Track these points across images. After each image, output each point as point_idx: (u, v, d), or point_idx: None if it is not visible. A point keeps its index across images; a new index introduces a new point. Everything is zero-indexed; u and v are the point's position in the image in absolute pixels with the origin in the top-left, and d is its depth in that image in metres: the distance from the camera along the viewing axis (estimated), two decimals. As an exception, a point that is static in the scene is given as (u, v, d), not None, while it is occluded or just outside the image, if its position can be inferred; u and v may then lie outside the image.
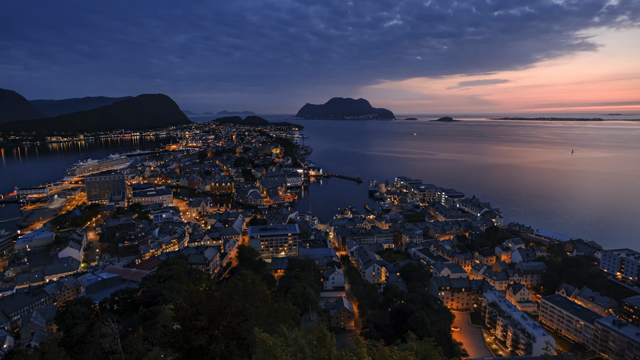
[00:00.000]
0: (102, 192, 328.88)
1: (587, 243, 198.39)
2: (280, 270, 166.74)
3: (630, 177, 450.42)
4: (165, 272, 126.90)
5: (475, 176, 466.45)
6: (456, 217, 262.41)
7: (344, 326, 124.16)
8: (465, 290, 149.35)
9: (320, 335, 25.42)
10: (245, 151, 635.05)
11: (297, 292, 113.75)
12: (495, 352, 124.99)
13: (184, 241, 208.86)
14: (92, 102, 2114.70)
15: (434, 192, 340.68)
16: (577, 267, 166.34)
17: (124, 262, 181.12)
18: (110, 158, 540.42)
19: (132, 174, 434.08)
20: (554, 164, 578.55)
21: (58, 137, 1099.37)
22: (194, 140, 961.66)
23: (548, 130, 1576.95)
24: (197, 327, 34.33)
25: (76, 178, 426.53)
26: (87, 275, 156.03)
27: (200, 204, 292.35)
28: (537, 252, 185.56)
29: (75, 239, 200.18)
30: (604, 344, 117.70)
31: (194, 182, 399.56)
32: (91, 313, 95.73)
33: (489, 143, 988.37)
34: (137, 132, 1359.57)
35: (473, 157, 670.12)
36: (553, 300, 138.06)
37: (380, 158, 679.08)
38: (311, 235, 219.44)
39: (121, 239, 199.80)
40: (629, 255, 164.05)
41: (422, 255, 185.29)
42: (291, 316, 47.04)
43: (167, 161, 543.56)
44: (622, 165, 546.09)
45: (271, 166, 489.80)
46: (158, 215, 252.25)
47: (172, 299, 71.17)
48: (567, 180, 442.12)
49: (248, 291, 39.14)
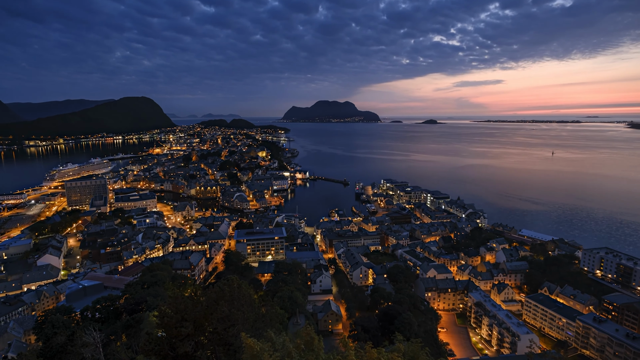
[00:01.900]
0: (83, 198, 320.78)
1: (568, 242, 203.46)
2: (267, 274, 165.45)
3: (608, 178, 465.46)
4: (149, 278, 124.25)
5: (458, 177, 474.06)
6: (441, 218, 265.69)
7: (332, 329, 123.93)
8: (451, 291, 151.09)
9: (308, 339, 25.26)
10: (231, 154, 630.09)
11: (285, 295, 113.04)
12: (481, 352, 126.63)
13: (168, 246, 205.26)
14: (72, 105, 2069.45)
15: (419, 193, 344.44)
16: (559, 266, 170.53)
17: (106, 269, 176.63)
18: (92, 162, 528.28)
19: (114, 179, 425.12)
20: (536, 164, 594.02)
21: (36, 141, 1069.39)
22: (179, 143, 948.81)
23: (527, 131, 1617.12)
24: (182, 333, 33.64)
25: (56, 183, 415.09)
26: (68, 283, 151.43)
27: (185, 208, 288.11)
28: (521, 251, 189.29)
29: (55, 246, 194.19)
30: (585, 341, 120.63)
31: (178, 186, 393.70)
32: (72, 322, 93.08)
33: (468, 144, 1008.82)
34: (120, 136, 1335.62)
35: (453, 159, 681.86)
36: (536, 299, 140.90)
37: (366, 160, 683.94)
38: (298, 239, 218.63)
39: (103, 245, 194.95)
40: (608, 254, 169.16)
41: (408, 257, 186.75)
42: (278, 320, 46.75)
43: (150, 165, 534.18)
44: (597, 165, 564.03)
45: (257, 169, 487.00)
46: (141, 220, 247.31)
47: (157, 306, 69.72)
48: (547, 180, 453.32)
49: (234, 296, 38.64)
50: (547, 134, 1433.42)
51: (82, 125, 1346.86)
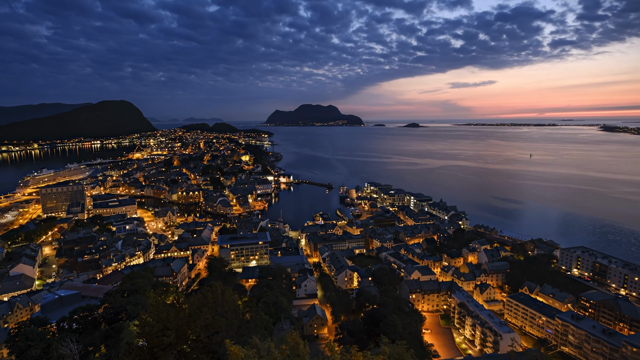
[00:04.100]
0: (59, 204, 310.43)
1: (546, 242, 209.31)
2: (251, 280, 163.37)
3: (585, 178, 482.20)
4: (129, 286, 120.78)
5: (438, 178, 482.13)
6: (425, 220, 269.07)
7: (318, 333, 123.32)
8: (435, 292, 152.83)
9: (293, 344, 24.97)
10: (214, 159, 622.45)
11: (269, 301, 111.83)
12: (465, 352, 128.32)
13: (149, 253, 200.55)
14: (47, 109, 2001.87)
15: (403, 196, 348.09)
16: (538, 265, 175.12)
17: (83, 278, 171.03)
18: (68, 168, 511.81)
19: (92, 184, 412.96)
20: (515, 165, 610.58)
21: (9, 146, 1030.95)
22: (160, 148, 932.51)
23: (502, 134, 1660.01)
24: (164, 343, 32.74)
25: (30, 189, 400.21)
26: (43, 293, 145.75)
27: (167, 213, 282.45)
28: (502, 252, 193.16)
29: (29, 255, 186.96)
30: (564, 338, 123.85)
31: (159, 192, 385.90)
32: (47, 333, 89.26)
33: (446, 145, 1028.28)
34: (98, 140, 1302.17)
35: (432, 160, 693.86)
36: (517, 298, 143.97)
37: (349, 162, 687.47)
38: (282, 243, 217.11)
39: (80, 253, 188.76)
40: (584, 252, 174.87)
41: (393, 259, 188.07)
42: (263, 326, 46.17)
43: (130, 170, 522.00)
44: (570, 166, 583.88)
45: (241, 174, 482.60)
46: (121, 227, 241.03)
47: (137, 315, 67.86)
48: (527, 181, 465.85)
49: (218, 303, 37.96)
50: (521, 137, 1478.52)
51: (58, 130, 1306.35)
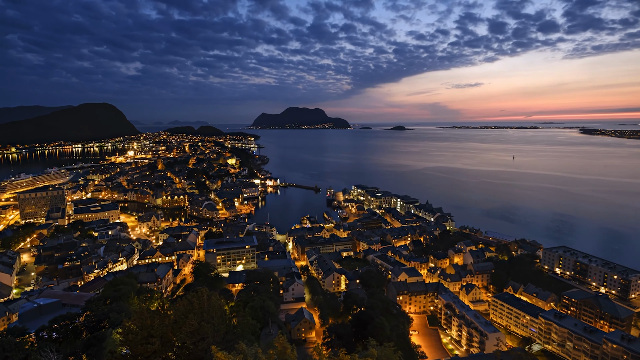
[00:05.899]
0: (38, 210, 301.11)
1: (529, 242, 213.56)
2: (238, 284, 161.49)
3: (566, 179, 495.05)
4: (112, 293, 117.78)
5: (422, 180, 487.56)
6: (411, 222, 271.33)
7: (305, 337, 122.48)
8: (422, 294, 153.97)
9: (280, 349, 24.62)
10: (199, 162, 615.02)
11: (256, 305, 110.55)
12: (452, 352, 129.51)
13: (132, 259, 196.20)
14: (26, 112, 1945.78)
15: (389, 198, 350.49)
16: (522, 265, 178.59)
17: (64, 285, 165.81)
18: (48, 172, 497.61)
19: (73, 189, 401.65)
20: (499, 167, 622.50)
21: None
22: (143, 151, 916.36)
23: (484, 136, 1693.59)
24: (148, 350, 31.90)
25: (7, 195, 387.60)
26: (21, 302, 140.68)
27: (151, 218, 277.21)
28: (486, 252, 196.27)
29: (6, 262, 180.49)
30: (547, 336, 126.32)
31: (143, 196, 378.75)
32: (26, 344, 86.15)
33: (429, 148, 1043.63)
34: (79, 144, 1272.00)
35: (420, 162, 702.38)
36: (502, 298, 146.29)
37: (336, 164, 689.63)
38: (270, 247, 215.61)
39: (61, 259, 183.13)
40: (566, 252, 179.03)
41: (380, 261, 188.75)
42: (251, 331, 45.50)
43: (113, 174, 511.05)
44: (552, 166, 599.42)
45: (227, 177, 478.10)
46: (103, 233, 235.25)
47: (120, 322, 66.13)
48: (509, 183, 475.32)
49: (204, 308, 37.23)
50: (501, 138, 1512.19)
51: (37, 133, 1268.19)
